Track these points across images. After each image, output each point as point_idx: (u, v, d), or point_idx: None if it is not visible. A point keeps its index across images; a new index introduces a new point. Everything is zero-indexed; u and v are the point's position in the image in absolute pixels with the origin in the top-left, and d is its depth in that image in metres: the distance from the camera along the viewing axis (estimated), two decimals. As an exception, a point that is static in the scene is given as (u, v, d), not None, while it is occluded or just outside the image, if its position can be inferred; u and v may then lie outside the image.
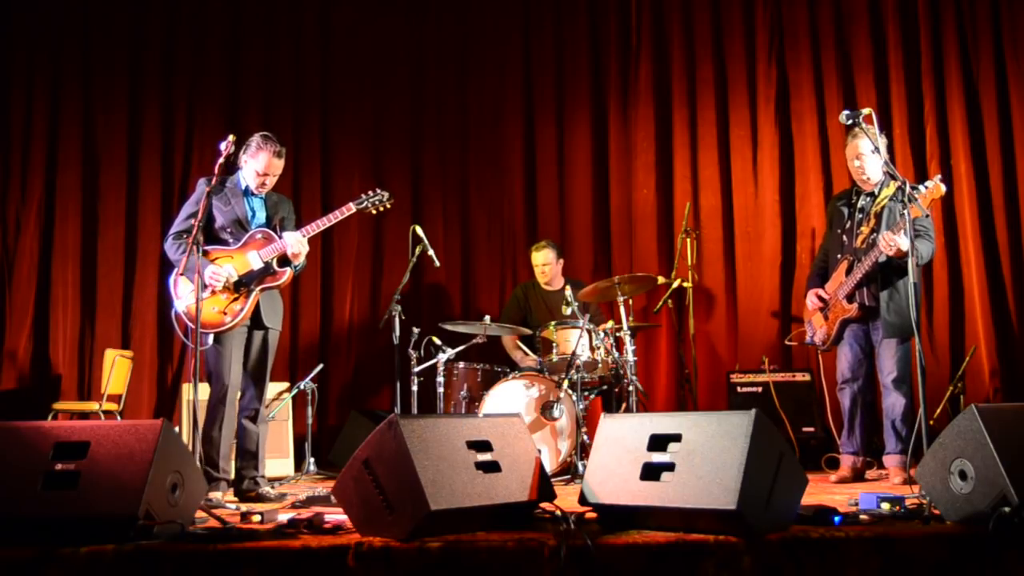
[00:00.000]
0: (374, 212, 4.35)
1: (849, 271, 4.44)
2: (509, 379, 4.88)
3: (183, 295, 3.97)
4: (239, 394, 4.13)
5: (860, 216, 4.48)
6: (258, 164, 4.06)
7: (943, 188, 4.13)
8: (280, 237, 4.07)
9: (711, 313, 6.19)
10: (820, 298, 4.57)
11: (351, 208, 4.24)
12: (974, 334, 5.75)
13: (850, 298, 4.43)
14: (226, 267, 3.96)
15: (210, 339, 3.92)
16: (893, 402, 4.31)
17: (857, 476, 4.43)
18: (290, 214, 4.29)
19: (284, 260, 4.08)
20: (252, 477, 4.04)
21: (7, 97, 6.28)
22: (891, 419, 4.32)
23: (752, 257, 6.17)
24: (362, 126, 6.57)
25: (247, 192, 4.14)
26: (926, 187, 4.12)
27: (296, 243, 4.02)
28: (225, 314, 3.94)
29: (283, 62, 6.56)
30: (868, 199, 4.48)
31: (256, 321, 4.07)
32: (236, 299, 3.96)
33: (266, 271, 4.02)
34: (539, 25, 6.65)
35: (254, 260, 4.02)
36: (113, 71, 6.36)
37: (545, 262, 5.75)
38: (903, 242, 4.13)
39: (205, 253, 4.01)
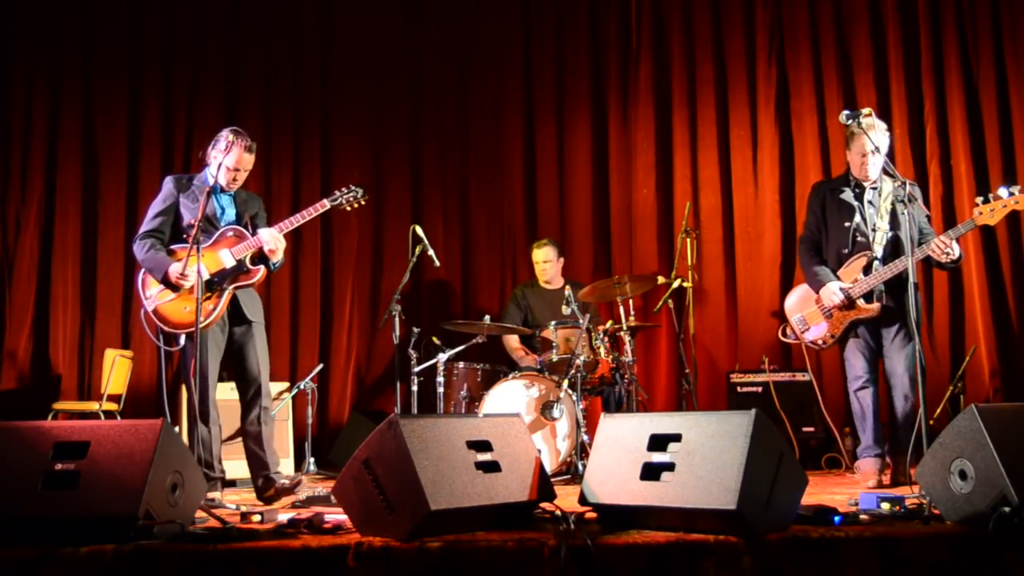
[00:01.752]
0: (348, 208, 4.26)
1: (868, 269, 4.23)
2: (509, 379, 4.88)
3: (152, 295, 3.89)
4: (247, 392, 4.07)
5: (871, 211, 4.29)
6: (229, 160, 3.95)
7: None
8: (253, 234, 3.99)
9: (711, 313, 6.19)
10: (844, 290, 4.27)
11: (325, 205, 4.15)
12: (974, 334, 5.75)
13: (868, 298, 4.23)
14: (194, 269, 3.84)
15: (182, 339, 3.84)
16: (910, 403, 4.19)
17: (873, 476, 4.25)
18: (261, 211, 4.21)
19: (258, 258, 4.00)
20: (264, 476, 3.97)
21: (7, 97, 6.28)
22: (900, 419, 4.21)
23: (752, 257, 6.17)
24: (362, 126, 6.57)
25: (216, 189, 4.02)
26: (999, 197, 3.96)
27: (272, 239, 3.93)
28: None
29: (283, 62, 6.56)
30: (873, 193, 4.31)
31: (240, 317, 4.00)
32: (208, 298, 3.86)
33: (239, 269, 3.94)
34: (539, 25, 6.65)
35: (226, 258, 3.93)
36: (113, 71, 6.36)
37: (546, 259, 5.76)
38: (958, 249, 4.08)
39: (171, 252, 3.94)
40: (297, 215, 4.08)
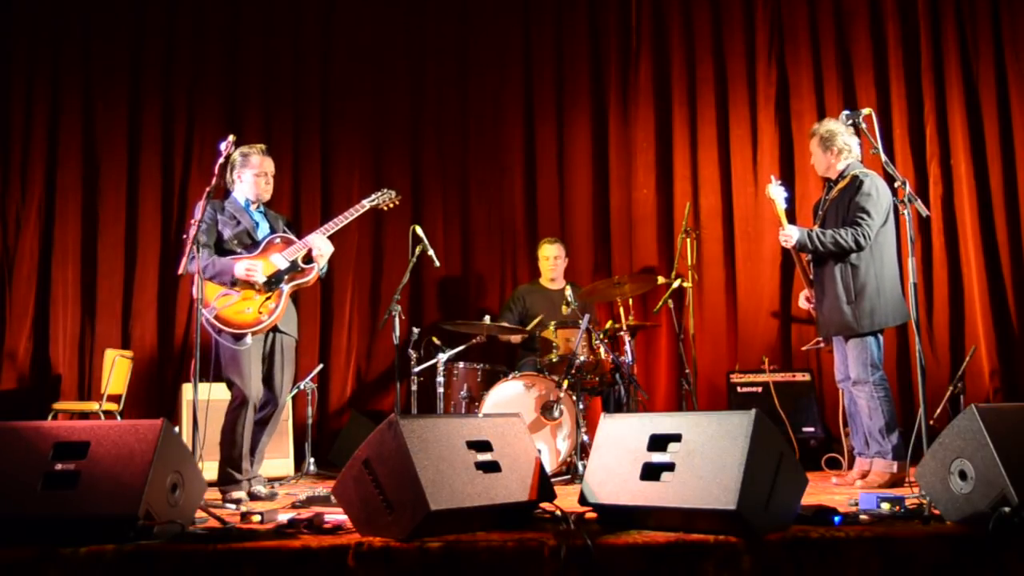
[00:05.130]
0: (385, 208, 4.47)
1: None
2: (509, 379, 4.88)
3: (211, 302, 3.98)
4: (265, 405, 4.11)
5: (819, 212, 4.42)
6: (254, 167, 4.16)
7: None
8: (297, 239, 4.14)
9: (711, 313, 6.18)
10: (808, 299, 4.48)
11: (364, 205, 4.34)
12: (974, 334, 5.75)
13: (811, 299, 4.41)
14: (260, 265, 4.01)
15: (248, 338, 3.94)
16: (859, 405, 4.19)
17: (865, 476, 4.22)
18: (288, 224, 4.39)
19: (308, 258, 4.16)
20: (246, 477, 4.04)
21: (7, 96, 6.26)
22: (863, 421, 4.20)
23: (752, 257, 6.17)
24: (362, 125, 6.57)
25: (247, 207, 4.21)
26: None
27: (323, 243, 4.13)
28: (261, 313, 3.98)
29: (283, 61, 6.55)
30: (827, 193, 4.42)
31: (277, 328, 4.10)
32: (269, 298, 4.01)
33: (293, 269, 4.09)
34: (539, 24, 6.65)
35: (279, 261, 4.08)
36: (113, 70, 6.35)
37: (556, 255, 5.80)
38: (792, 234, 4.18)
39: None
40: (339, 217, 4.25)
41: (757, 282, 6.13)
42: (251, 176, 4.16)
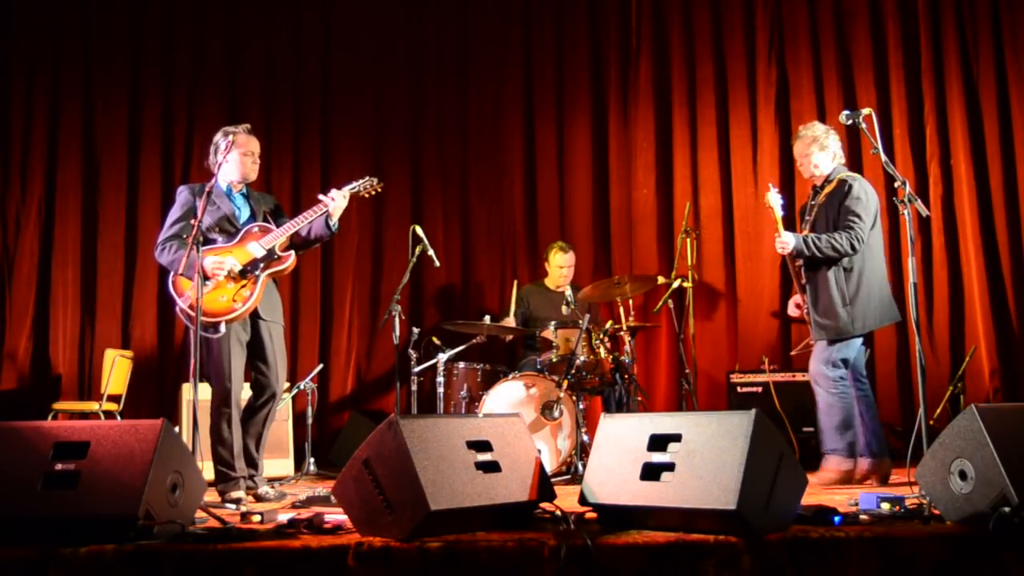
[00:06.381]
0: (367, 195, 4.33)
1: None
2: (509, 379, 4.88)
3: (185, 292, 3.93)
4: (261, 394, 4.07)
5: (809, 217, 4.44)
6: (240, 147, 4.06)
7: None
8: (276, 227, 4.06)
9: (711, 313, 6.19)
10: (798, 305, 4.49)
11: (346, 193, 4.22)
12: (974, 334, 5.75)
13: (801, 305, 4.42)
14: (228, 258, 3.93)
15: (222, 327, 3.88)
16: (818, 401, 4.21)
17: (864, 477, 4.18)
18: (278, 207, 4.30)
19: (287, 246, 4.07)
20: (251, 476, 4.01)
21: (7, 96, 6.27)
22: (820, 418, 4.23)
23: (752, 257, 6.17)
24: (362, 126, 6.57)
25: (229, 192, 4.14)
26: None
27: (341, 197, 4.07)
28: (235, 301, 3.90)
29: (283, 61, 6.55)
30: (814, 197, 4.44)
31: (261, 316, 4.03)
32: (244, 286, 3.95)
33: (270, 257, 4.02)
34: (539, 24, 6.65)
35: (255, 250, 4.00)
36: (113, 69, 6.36)
37: (570, 264, 5.74)
38: (789, 240, 4.18)
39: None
40: (318, 206, 4.12)
41: (757, 282, 6.14)
42: (237, 155, 4.07)
